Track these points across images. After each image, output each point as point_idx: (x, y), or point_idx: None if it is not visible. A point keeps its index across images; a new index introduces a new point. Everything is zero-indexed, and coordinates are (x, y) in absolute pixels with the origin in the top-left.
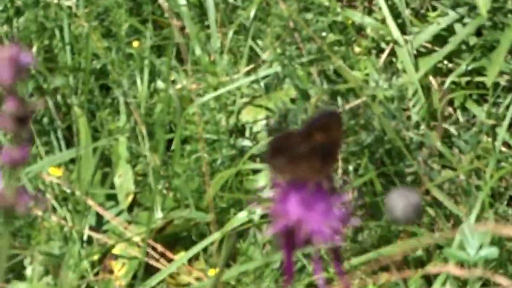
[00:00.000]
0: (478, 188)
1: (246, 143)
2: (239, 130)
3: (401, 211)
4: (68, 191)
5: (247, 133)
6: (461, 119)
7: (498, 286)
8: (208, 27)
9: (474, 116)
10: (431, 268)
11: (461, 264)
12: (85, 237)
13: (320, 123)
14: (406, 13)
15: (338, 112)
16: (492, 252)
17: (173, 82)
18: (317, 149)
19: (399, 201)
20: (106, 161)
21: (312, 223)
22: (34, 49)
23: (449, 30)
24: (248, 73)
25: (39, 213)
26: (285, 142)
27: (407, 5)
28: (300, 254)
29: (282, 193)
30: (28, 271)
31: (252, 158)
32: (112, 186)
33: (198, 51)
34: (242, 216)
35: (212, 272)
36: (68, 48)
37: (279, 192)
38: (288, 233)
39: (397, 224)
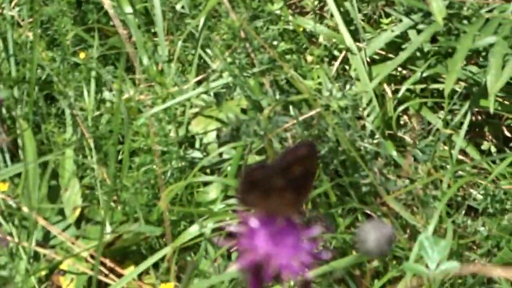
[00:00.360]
0: (435, 198)
1: (197, 154)
2: (189, 142)
3: (373, 243)
4: (14, 206)
5: (197, 145)
6: (417, 127)
7: None
8: (155, 35)
9: (429, 124)
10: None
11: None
12: (32, 253)
13: (297, 155)
14: (359, 19)
15: (314, 144)
16: (453, 266)
17: (121, 92)
18: (292, 183)
19: (372, 233)
20: (52, 174)
21: (280, 258)
22: None
23: (403, 37)
24: (198, 83)
25: None
26: (259, 175)
27: (359, 11)
28: None
29: (250, 227)
30: None
31: (203, 170)
32: (59, 200)
33: (146, 61)
34: (193, 230)
35: (163, 287)
36: (12, 59)
37: (247, 226)
38: (255, 268)
39: (370, 256)
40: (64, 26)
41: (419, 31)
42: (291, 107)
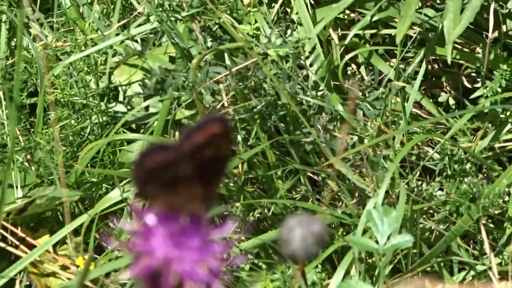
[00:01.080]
0: (386, 158)
1: (120, 108)
2: (111, 94)
3: (299, 242)
4: None
5: (120, 97)
6: (366, 78)
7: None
8: None
9: (380, 74)
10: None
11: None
12: None
13: (206, 134)
14: None
15: (227, 119)
16: (405, 240)
17: (35, 38)
18: (199, 170)
19: (297, 231)
20: None
21: (183, 263)
22: None
23: None
24: (122, 28)
25: None
26: (158, 161)
27: None
28: None
29: (146, 225)
30: None
31: (126, 125)
32: None
33: (66, 2)
34: (115, 194)
35: (80, 261)
36: None
37: (142, 224)
38: (152, 276)
39: (295, 258)
40: None
41: None
42: (224, 56)
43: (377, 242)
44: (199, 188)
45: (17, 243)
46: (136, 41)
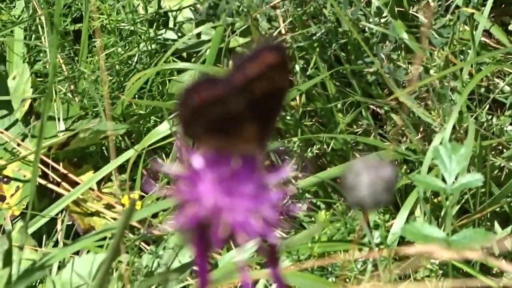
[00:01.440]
0: (454, 90)
1: (170, 35)
2: (161, 20)
3: (367, 189)
4: None
5: (170, 24)
6: (433, 3)
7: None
8: None
9: (447, 0)
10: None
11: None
12: None
13: (259, 65)
14: None
15: (284, 47)
16: (475, 179)
17: None
18: (252, 106)
19: (364, 175)
20: None
21: (234, 212)
22: None
23: None
24: None
25: None
26: (205, 97)
27: None
28: None
29: (192, 169)
30: None
31: (177, 54)
32: (5, 91)
33: None
34: (164, 127)
35: (126, 200)
36: None
37: (188, 167)
38: (200, 226)
39: (361, 208)
40: None
41: None
42: None
43: (444, 181)
44: (252, 126)
45: (59, 180)
46: None
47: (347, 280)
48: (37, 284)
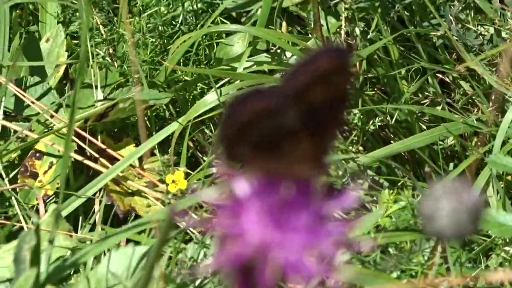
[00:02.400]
0: None
1: None
2: None
3: (448, 218)
4: None
5: None
6: None
7: None
8: None
9: None
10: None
11: None
12: None
13: (317, 70)
14: None
15: (345, 49)
16: None
17: None
18: (308, 119)
19: (445, 202)
20: (29, 20)
21: (285, 250)
22: None
23: None
24: None
25: None
26: (253, 109)
27: None
28: None
29: (236, 197)
30: None
31: (225, 14)
32: (38, 55)
33: None
34: (211, 97)
35: (169, 178)
36: None
37: (231, 195)
38: (245, 267)
39: (441, 238)
40: None
41: None
42: None
43: None
44: (308, 144)
45: (96, 155)
46: None
47: (413, 274)
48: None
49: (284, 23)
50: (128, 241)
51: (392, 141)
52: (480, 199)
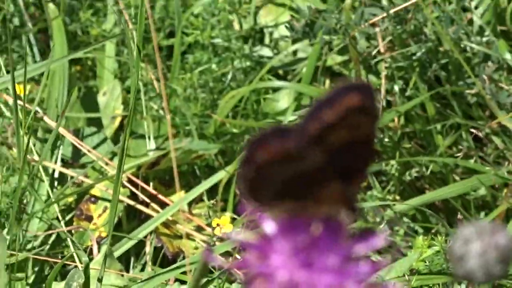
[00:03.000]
0: None
1: (265, 52)
2: (256, 36)
3: (477, 259)
4: (40, 112)
5: (266, 40)
6: None
7: None
8: None
9: None
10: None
11: None
12: (56, 174)
13: (338, 109)
14: None
15: (369, 86)
16: None
17: None
18: (332, 159)
19: (475, 243)
20: (87, 75)
21: None
22: None
23: None
24: None
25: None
26: (275, 152)
27: None
28: None
29: (264, 237)
30: None
31: (273, 71)
32: (95, 107)
33: None
34: None
35: (215, 222)
36: None
37: (259, 234)
38: None
39: (471, 280)
40: None
41: None
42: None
43: None
44: (334, 184)
45: (148, 201)
46: None
47: None
48: None
49: (327, 81)
50: (176, 280)
51: (427, 191)
52: (510, 242)
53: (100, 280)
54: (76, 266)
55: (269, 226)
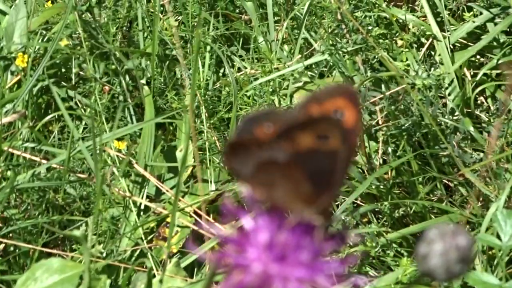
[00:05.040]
0: (507, 170)
1: None
2: None
3: (439, 258)
4: (134, 162)
5: None
6: (492, 107)
7: None
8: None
9: (503, 105)
10: None
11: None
12: (142, 206)
13: (324, 108)
14: (445, 12)
15: (354, 89)
16: None
17: (239, 69)
18: (302, 161)
19: (437, 244)
20: (169, 138)
21: (286, 282)
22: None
23: (482, 28)
24: (301, 60)
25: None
26: (246, 137)
27: (446, 6)
28: None
29: (242, 231)
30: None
31: None
32: (173, 159)
33: (260, 40)
34: None
35: None
36: (141, 33)
37: (238, 229)
38: None
39: (432, 278)
40: (194, 10)
41: (496, 24)
42: (381, 84)
43: (499, 239)
44: (304, 185)
45: (208, 227)
46: (312, 71)
47: None
48: None
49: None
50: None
51: (411, 225)
52: (470, 241)
53: (161, 281)
54: (154, 274)
55: (248, 222)
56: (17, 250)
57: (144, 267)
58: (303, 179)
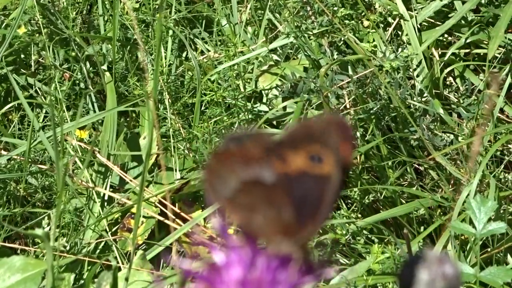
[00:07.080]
0: (478, 153)
1: (263, 108)
2: (256, 96)
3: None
4: (97, 151)
5: (263, 99)
6: (461, 87)
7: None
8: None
9: (472, 85)
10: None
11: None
12: (106, 197)
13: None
14: None
15: (346, 122)
16: (500, 227)
17: (202, 52)
18: (288, 187)
19: (424, 273)
20: (132, 124)
21: None
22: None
23: (450, 7)
24: (265, 44)
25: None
26: (230, 153)
27: None
28: None
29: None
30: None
31: (268, 122)
32: (137, 147)
33: (223, 22)
34: None
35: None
36: (101, 18)
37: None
38: None
39: None
40: None
41: (464, 2)
42: (348, 67)
43: (474, 227)
44: (289, 213)
45: (173, 217)
46: (277, 54)
47: None
48: None
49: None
50: None
51: (381, 211)
52: (456, 270)
53: (127, 279)
54: (119, 267)
55: (219, 256)
56: None
57: (109, 261)
58: (287, 205)
